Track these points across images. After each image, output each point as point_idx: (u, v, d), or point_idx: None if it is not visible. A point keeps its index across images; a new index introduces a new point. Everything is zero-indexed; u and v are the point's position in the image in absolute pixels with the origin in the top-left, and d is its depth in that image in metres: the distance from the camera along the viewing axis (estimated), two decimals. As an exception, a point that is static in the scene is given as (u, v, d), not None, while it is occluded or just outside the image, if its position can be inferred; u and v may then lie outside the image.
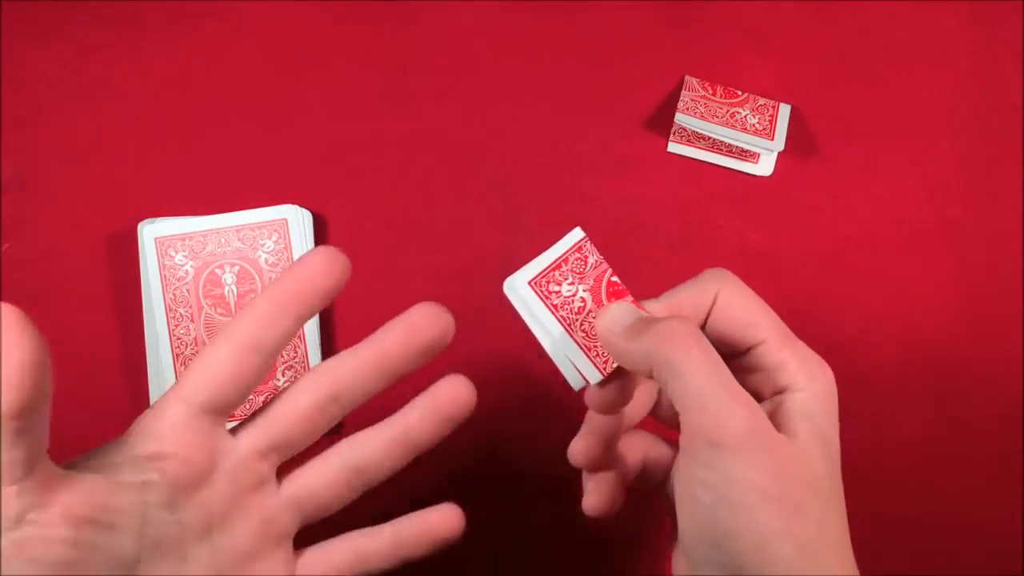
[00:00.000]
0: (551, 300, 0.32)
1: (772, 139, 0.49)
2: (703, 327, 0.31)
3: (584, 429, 0.34)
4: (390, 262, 0.48)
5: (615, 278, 0.32)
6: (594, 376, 0.31)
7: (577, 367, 0.32)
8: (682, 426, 0.28)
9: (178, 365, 0.45)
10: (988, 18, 0.53)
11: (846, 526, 0.29)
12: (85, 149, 0.49)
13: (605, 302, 0.32)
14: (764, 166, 0.50)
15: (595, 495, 0.34)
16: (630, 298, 0.32)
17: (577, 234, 0.32)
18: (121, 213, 0.48)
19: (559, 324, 0.32)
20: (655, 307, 0.32)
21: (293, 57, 0.51)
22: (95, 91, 0.50)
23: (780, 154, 0.50)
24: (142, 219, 0.47)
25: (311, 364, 0.45)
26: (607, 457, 0.34)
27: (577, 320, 0.32)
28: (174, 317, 0.45)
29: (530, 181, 0.50)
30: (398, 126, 0.50)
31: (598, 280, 0.32)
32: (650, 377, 0.29)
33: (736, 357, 0.31)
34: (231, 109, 0.50)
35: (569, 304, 0.32)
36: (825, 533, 0.28)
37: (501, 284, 0.32)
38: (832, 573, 0.27)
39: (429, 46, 0.52)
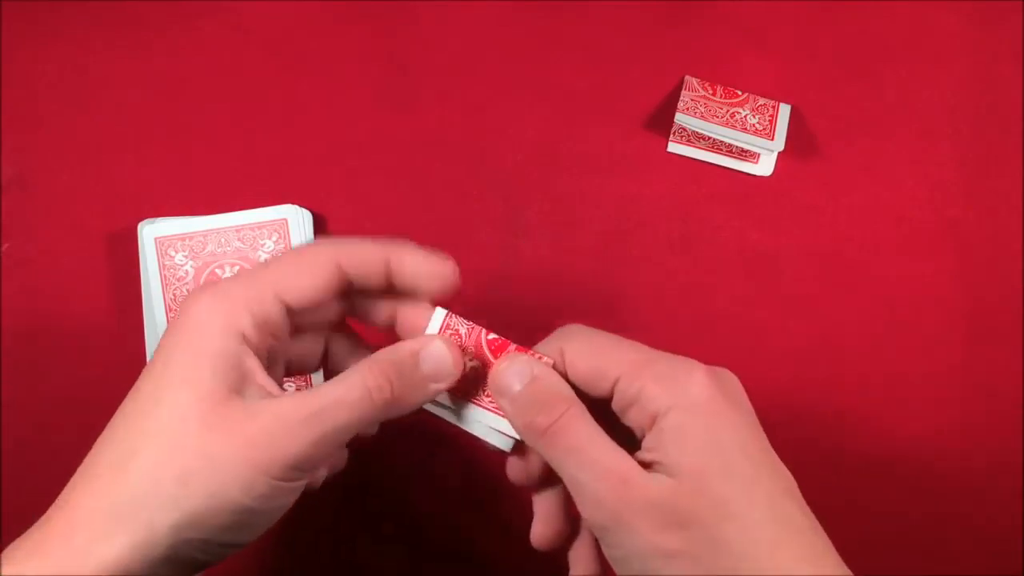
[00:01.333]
0: None
1: (772, 139, 0.49)
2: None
3: (535, 517, 0.34)
4: (390, 262, 0.48)
5: (492, 335, 0.32)
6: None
7: (499, 430, 0.32)
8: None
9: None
10: (988, 18, 0.53)
11: (789, 509, 0.28)
12: (85, 149, 0.49)
13: (492, 360, 0.32)
14: (764, 166, 0.50)
15: (580, 567, 0.34)
16: (513, 346, 0.32)
17: (440, 313, 0.32)
18: (121, 213, 0.48)
19: (462, 400, 0.32)
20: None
21: (293, 57, 0.51)
22: (95, 91, 0.50)
23: (780, 154, 0.50)
24: (142, 219, 0.47)
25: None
26: (572, 529, 0.34)
27: (478, 389, 0.32)
28: (174, 317, 0.45)
29: (530, 181, 0.50)
30: (398, 126, 0.50)
31: (478, 345, 0.32)
32: None
33: (608, 401, 0.31)
34: (231, 109, 0.50)
35: (464, 377, 0.32)
36: (756, 541, 0.27)
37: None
38: (774, 573, 0.26)
39: (429, 46, 0.52)
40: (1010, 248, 0.49)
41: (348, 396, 0.29)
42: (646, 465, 0.28)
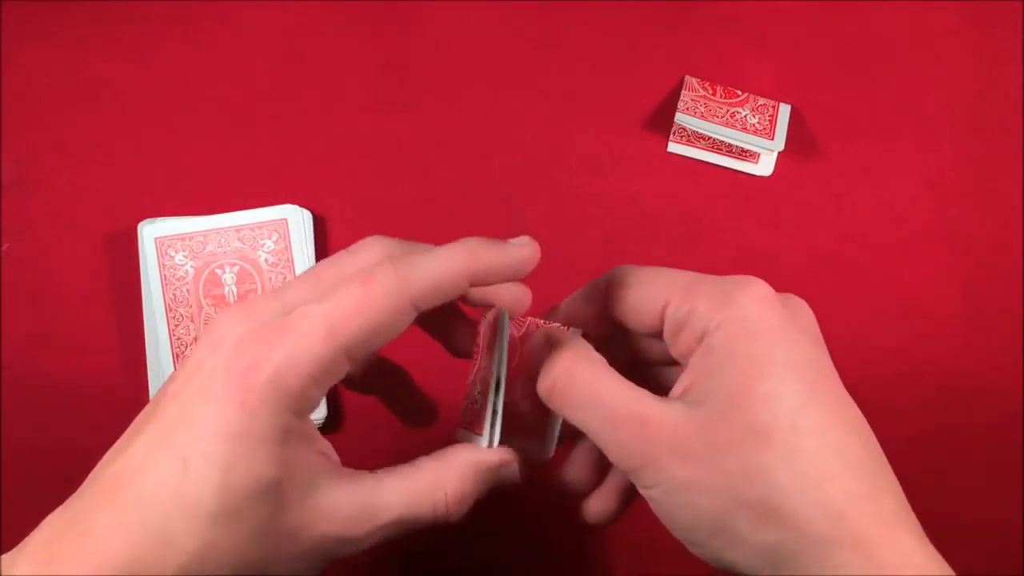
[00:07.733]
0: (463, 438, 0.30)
1: (772, 139, 0.49)
2: (610, 322, 0.30)
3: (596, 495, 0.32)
4: (390, 262, 0.48)
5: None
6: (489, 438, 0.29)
7: (527, 445, 0.30)
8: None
9: (178, 365, 0.45)
10: (988, 18, 0.53)
11: (846, 441, 0.25)
12: (85, 149, 0.49)
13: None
14: (764, 166, 0.50)
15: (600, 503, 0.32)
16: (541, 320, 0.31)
17: None
18: (121, 213, 0.48)
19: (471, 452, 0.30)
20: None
21: (293, 57, 0.51)
22: (95, 91, 0.50)
23: (780, 154, 0.50)
24: (142, 219, 0.47)
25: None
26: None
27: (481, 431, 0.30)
28: (174, 317, 0.45)
29: (530, 181, 0.50)
30: (398, 126, 0.50)
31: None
32: None
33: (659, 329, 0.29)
34: (231, 109, 0.50)
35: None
36: (802, 474, 0.24)
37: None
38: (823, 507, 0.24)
39: (429, 46, 0.52)
40: (1010, 248, 0.49)
41: (418, 510, 0.27)
42: (682, 393, 0.26)
